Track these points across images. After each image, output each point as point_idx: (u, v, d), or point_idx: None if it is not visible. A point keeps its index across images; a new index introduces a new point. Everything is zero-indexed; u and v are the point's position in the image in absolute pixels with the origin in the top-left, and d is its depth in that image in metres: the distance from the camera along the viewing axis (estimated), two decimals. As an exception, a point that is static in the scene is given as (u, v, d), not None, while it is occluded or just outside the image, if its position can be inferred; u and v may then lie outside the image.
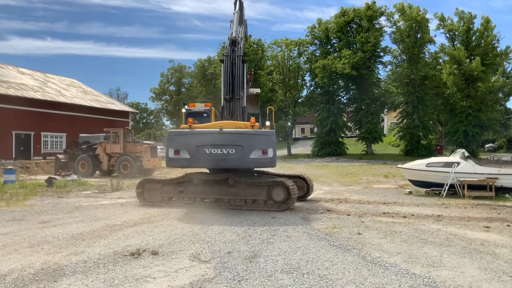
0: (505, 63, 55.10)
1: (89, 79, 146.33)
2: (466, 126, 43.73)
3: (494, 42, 45.46)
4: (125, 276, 5.28)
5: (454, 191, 13.71)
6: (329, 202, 12.43)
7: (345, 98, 51.95)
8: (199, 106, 13.19)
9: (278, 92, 54.12)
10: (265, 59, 53.74)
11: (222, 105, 11.48)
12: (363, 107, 47.89)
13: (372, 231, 8.00)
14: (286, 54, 55.80)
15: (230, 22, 13.31)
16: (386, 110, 54.48)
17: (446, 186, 13.56)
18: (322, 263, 5.82)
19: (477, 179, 13.31)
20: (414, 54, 44.73)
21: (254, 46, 50.15)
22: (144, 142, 25.83)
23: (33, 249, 6.64)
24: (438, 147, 48.07)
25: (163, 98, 74.75)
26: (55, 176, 19.12)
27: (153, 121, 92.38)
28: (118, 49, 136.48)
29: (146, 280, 5.13)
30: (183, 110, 12.88)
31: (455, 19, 46.58)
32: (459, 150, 15.43)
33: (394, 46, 48.74)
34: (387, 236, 7.61)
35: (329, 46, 51.37)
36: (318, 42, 51.88)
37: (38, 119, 34.05)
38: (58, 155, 25.53)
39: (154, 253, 6.30)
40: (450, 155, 16.06)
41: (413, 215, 9.92)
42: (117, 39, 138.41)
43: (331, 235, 7.63)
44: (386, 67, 51.77)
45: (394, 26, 47.39)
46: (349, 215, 9.92)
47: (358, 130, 50.25)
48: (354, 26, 49.55)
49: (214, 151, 9.86)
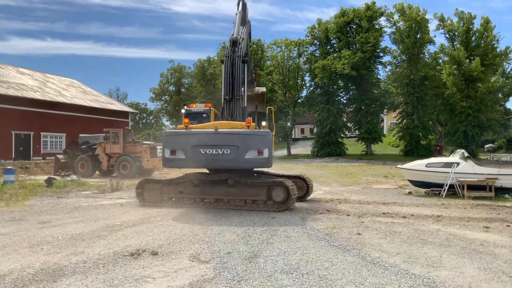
0: (504, 64, 55.13)
1: (88, 79, 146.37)
2: (465, 126, 43.73)
3: (493, 42, 45.47)
4: (124, 276, 5.28)
5: (453, 192, 13.71)
6: (328, 202, 12.43)
7: (344, 98, 52.02)
8: (199, 107, 13.19)
9: (277, 92, 54.10)
10: (264, 59, 53.72)
11: (222, 105, 11.48)
12: (363, 108, 47.90)
13: (371, 232, 8.00)
14: (285, 55, 55.81)
15: (233, 23, 13.32)
16: (385, 110, 54.52)
17: (446, 186, 13.56)
18: (322, 264, 5.82)
19: (476, 180, 13.31)
20: (414, 54, 44.75)
21: (254, 46, 50.12)
22: (143, 142, 25.82)
23: (32, 249, 6.64)
24: (438, 148, 48.07)
25: (163, 98, 74.69)
26: (55, 176, 19.13)
27: (152, 121, 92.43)
28: (118, 49, 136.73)
29: (145, 280, 5.13)
30: (183, 110, 12.88)
31: (455, 20, 46.66)
32: (459, 150, 15.43)
33: (394, 47, 48.87)
34: (387, 236, 7.61)
35: (328, 47, 51.38)
36: (318, 43, 51.91)
37: (37, 119, 34.04)
38: (57, 155, 25.53)
39: (154, 253, 6.31)
40: (449, 156, 16.06)
41: (412, 216, 9.92)
42: (117, 39, 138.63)
43: (331, 236, 7.63)
44: (386, 68, 51.90)
45: (394, 27, 47.46)
46: (348, 216, 9.92)
47: (357, 131, 50.24)
48: (354, 27, 49.56)
49: (209, 151, 9.90)
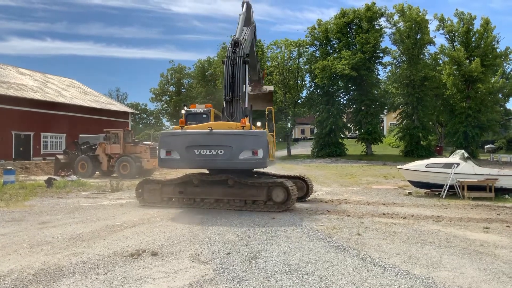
0: (504, 64, 55.17)
1: (88, 80, 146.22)
2: (465, 127, 43.70)
3: (493, 43, 45.44)
4: (124, 276, 5.27)
5: (453, 192, 13.71)
6: (328, 203, 12.43)
7: (344, 99, 51.98)
8: (200, 107, 13.19)
9: (278, 92, 54.04)
10: (264, 60, 53.69)
11: (222, 106, 11.48)
12: (363, 108, 47.89)
13: (371, 232, 8.00)
14: (285, 55, 55.79)
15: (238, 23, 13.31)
16: (385, 111, 54.49)
17: (446, 187, 13.56)
18: (322, 264, 5.82)
19: (476, 180, 13.31)
20: (414, 55, 44.74)
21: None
22: (143, 142, 25.80)
23: (32, 249, 6.64)
24: (438, 148, 48.06)
25: (163, 99, 74.63)
26: (55, 176, 19.15)
27: (153, 121, 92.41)
28: (118, 49, 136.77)
29: (145, 281, 5.13)
30: (183, 111, 12.88)
31: (455, 20, 46.62)
32: (459, 151, 15.42)
33: (394, 47, 48.85)
34: (387, 237, 7.61)
35: (329, 47, 51.38)
36: (318, 43, 51.91)
37: (37, 120, 34.05)
38: (57, 156, 25.56)
39: (154, 253, 6.30)
40: (449, 156, 16.06)
41: (412, 216, 9.92)
42: (116, 40, 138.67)
43: (331, 236, 7.63)
44: (386, 68, 51.87)
45: (394, 27, 47.45)
46: (348, 216, 9.91)
47: (357, 131, 50.23)
48: (354, 27, 49.57)
49: (203, 152, 9.95)
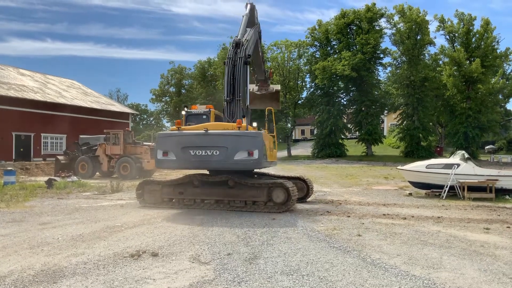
0: (505, 65, 55.18)
1: (89, 81, 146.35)
2: (466, 127, 43.67)
3: (494, 43, 45.41)
4: (125, 277, 5.27)
5: (454, 193, 13.70)
6: (329, 203, 12.43)
7: (345, 99, 51.97)
8: (201, 108, 13.23)
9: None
10: (265, 61, 53.71)
11: (223, 106, 11.49)
12: (363, 109, 47.88)
13: (372, 233, 8.00)
14: (286, 56, 55.84)
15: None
16: (386, 111, 54.49)
17: (446, 187, 13.56)
18: (322, 265, 5.81)
19: (477, 181, 13.30)
20: (414, 55, 44.74)
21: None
22: (144, 143, 25.81)
23: (33, 250, 6.64)
24: (438, 149, 48.04)
25: (163, 100, 74.68)
26: (55, 177, 19.14)
27: (153, 122, 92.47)
28: (118, 50, 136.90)
29: (146, 281, 5.13)
30: (183, 112, 12.91)
31: (455, 21, 46.58)
32: (459, 151, 15.41)
33: (394, 48, 48.82)
34: (387, 237, 7.60)
35: (329, 48, 51.39)
36: (318, 44, 51.91)
37: (38, 121, 34.06)
38: (58, 157, 25.58)
39: (154, 254, 6.30)
40: (450, 157, 16.04)
41: (413, 217, 9.91)
42: (117, 41, 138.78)
43: (331, 237, 7.62)
44: (386, 69, 51.85)
45: (394, 28, 47.40)
46: (349, 217, 9.91)
47: (358, 132, 50.22)
48: (354, 28, 49.56)
49: (199, 153, 9.99)
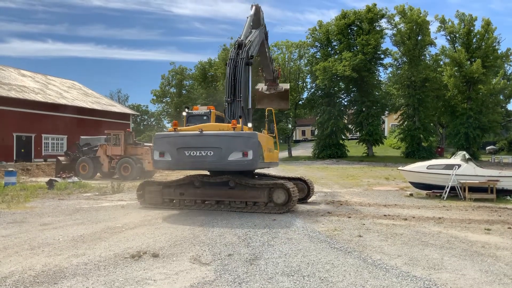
0: (506, 65, 55.12)
1: (90, 81, 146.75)
2: (467, 128, 43.63)
3: (494, 44, 45.41)
4: (125, 278, 5.28)
5: (455, 193, 13.68)
6: (329, 204, 12.42)
7: (345, 100, 51.95)
8: (202, 109, 13.28)
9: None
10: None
11: (224, 107, 11.51)
12: (364, 109, 47.86)
13: (373, 234, 7.99)
14: (286, 56, 55.89)
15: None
16: (386, 112, 54.45)
17: (447, 188, 13.53)
18: (323, 266, 5.81)
19: (478, 181, 13.27)
20: (415, 56, 44.73)
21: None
22: (145, 144, 25.81)
23: (33, 251, 6.64)
24: (439, 149, 47.99)
25: (164, 100, 74.68)
26: (56, 178, 19.14)
27: (154, 123, 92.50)
28: (119, 51, 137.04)
29: (146, 282, 5.13)
30: (184, 113, 12.95)
31: (456, 21, 46.59)
32: (460, 152, 15.38)
33: (395, 48, 48.84)
34: (388, 238, 7.60)
35: (329, 48, 51.40)
36: (319, 44, 51.95)
37: (39, 121, 34.11)
38: (59, 157, 25.60)
39: (155, 255, 6.31)
40: (451, 157, 16.01)
41: (414, 218, 9.90)
42: (118, 42, 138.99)
43: (332, 238, 7.62)
44: (387, 69, 51.91)
45: (395, 29, 47.44)
46: (349, 218, 9.90)
47: (358, 132, 50.18)
48: (355, 29, 49.57)
49: (193, 153, 10.05)
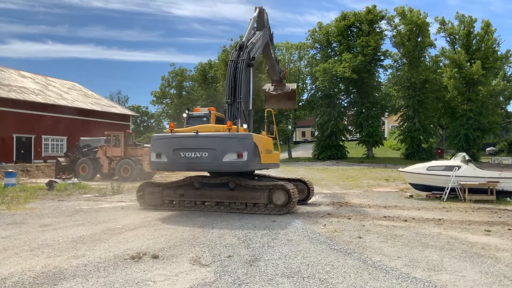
0: (505, 67, 55.16)
1: (90, 83, 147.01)
2: (467, 129, 43.64)
3: (494, 45, 45.50)
4: (125, 279, 5.27)
5: (455, 195, 13.67)
6: (329, 205, 12.42)
7: (345, 101, 51.99)
8: (203, 111, 13.31)
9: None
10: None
11: (224, 108, 11.52)
12: (364, 111, 47.87)
13: (372, 235, 7.98)
14: (286, 58, 55.87)
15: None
16: (386, 113, 54.49)
17: (447, 189, 13.53)
18: (323, 267, 5.80)
19: (478, 183, 13.27)
20: (415, 57, 44.77)
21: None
22: (144, 145, 25.81)
23: (33, 252, 6.64)
24: (439, 151, 47.98)
25: (164, 102, 74.68)
26: (56, 179, 19.13)
27: (154, 124, 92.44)
28: (119, 52, 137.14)
29: (146, 283, 5.13)
30: (184, 115, 12.98)
31: (456, 23, 46.67)
32: (460, 153, 15.39)
33: (395, 50, 48.89)
34: (388, 239, 7.59)
35: (329, 50, 51.43)
36: (319, 46, 51.97)
37: (39, 123, 34.12)
38: (58, 158, 25.60)
39: (155, 256, 6.30)
40: (451, 159, 16.01)
41: (414, 219, 9.90)
42: (117, 43, 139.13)
43: (332, 239, 7.61)
44: (387, 71, 51.88)
45: (395, 30, 47.49)
46: (349, 219, 9.90)
47: (358, 134, 50.21)
48: (355, 30, 49.61)
49: (189, 155, 10.11)
